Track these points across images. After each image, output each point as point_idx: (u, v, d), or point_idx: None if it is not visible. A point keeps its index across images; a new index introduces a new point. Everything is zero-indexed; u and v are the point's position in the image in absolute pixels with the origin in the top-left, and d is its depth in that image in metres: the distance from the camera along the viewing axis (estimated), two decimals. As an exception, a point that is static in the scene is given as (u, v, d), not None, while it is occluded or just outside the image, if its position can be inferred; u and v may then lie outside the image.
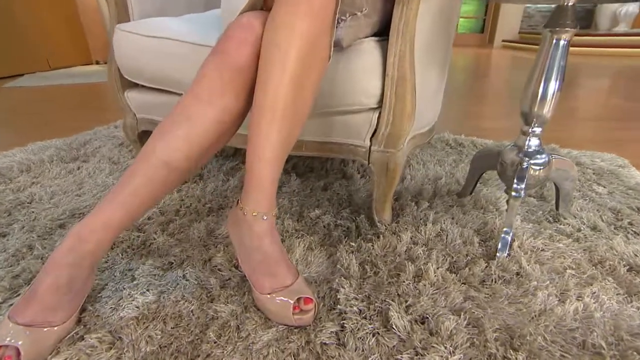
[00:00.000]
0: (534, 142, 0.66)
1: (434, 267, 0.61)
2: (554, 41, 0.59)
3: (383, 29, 0.65)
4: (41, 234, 0.72)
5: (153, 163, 0.50)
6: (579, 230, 0.71)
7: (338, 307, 0.54)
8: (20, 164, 1.06)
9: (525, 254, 0.64)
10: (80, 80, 2.82)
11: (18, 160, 1.08)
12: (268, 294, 0.52)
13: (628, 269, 0.61)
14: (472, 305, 0.54)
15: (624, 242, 0.67)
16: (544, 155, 0.66)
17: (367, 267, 0.62)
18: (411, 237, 0.69)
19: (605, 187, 0.89)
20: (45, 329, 0.46)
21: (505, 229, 0.65)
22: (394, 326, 0.50)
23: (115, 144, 1.25)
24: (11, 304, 0.54)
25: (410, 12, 0.58)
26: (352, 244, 0.68)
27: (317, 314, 0.53)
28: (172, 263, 0.64)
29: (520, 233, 0.70)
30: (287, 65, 0.47)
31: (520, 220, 0.75)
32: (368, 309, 0.53)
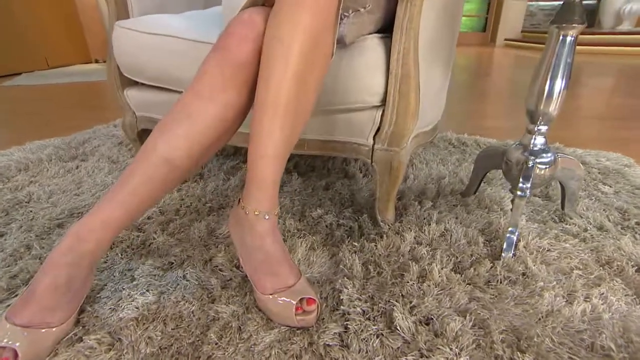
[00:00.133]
0: (540, 140, 0.65)
1: (438, 267, 0.60)
2: (561, 37, 0.58)
3: (386, 25, 0.64)
4: (39, 233, 0.71)
5: (153, 162, 0.49)
6: (586, 230, 0.70)
7: (341, 307, 0.53)
8: (18, 162, 1.05)
9: (531, 254, 0.63)
10: (79, 78, 2.81)
11: (16, 159, 1.07)
12: (270, 294, 0.51)
13: (636, 270, 0.60)
14: (477, 306, 0.53)
15: (631, 242, 0.66)
16: (549, 154, 0.65)
17: (370, 267, 0.61)
18: (415, 237, 0.68)
19: (611, 186, 0.88)
20: (43, 330, 0.46)
21: (511, 228, 0.65)
22: (398, 327, 0.49)
23: (115, 142, 1.25)
24: (8, 305, 0.54)
25: (415, 8, 0.57)
26: (355, 244, 0.67)
27: (320, 314, 0.52)
28: (173, 263, 0.63)
29: (525, 233, 0.69)
30: (290, 60, 0.46)
31: (526, 220, 0.74)
32: (372, 309, 0.53)
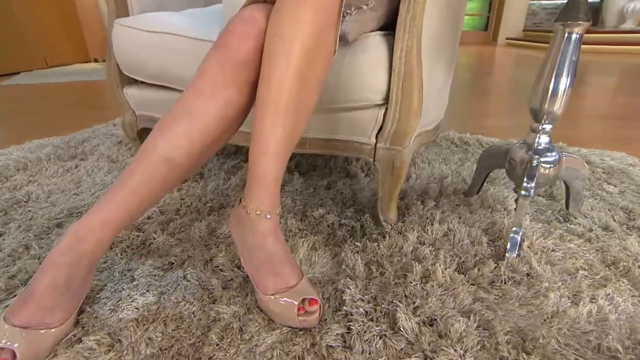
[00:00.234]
0: (544, 139, 0.64)
1: (441, 267, 0.59)
2: (566, 35, 0.57)
3: (389, 23, 0.63)
4: (38, 233, 0.71)
5: (153, 161, 0.49)
6: (591, 230, 0.69)
7: (344, 308, 0.52)
8: (17, 162, 1.04)
9: (535, 254, 0.62)
10: (78, 78, 2.81)
11: (15, 158, 1.07)
12: (272, 294, 0.50)
13: (642, 270, 0.59)
14: (481, 306, 0.52)
15: (637, 242, 0.65)
16: (554, 153, 0.64)
17: (373, 267, 0.60)
18: (418, 237, 0.68)
19: (616, 186, 0.87)
20: (42, 331, 0.45)
21: (515, 228, 0.64)
22: (401, 328, 0.48)
23: (114, 142, 1.24)
24: (7, 305, 0.53)
25: (418, 5, 0.57)
26: (357, 244, 0.66)
27: (322, 315, 0.51)
28: (173, 263, 0.62)
29: (529, 233, 0.68)
30: (292, 57, 0.45)
31: (530, 220, 0.73)
32: (375, 310, 0.52)
